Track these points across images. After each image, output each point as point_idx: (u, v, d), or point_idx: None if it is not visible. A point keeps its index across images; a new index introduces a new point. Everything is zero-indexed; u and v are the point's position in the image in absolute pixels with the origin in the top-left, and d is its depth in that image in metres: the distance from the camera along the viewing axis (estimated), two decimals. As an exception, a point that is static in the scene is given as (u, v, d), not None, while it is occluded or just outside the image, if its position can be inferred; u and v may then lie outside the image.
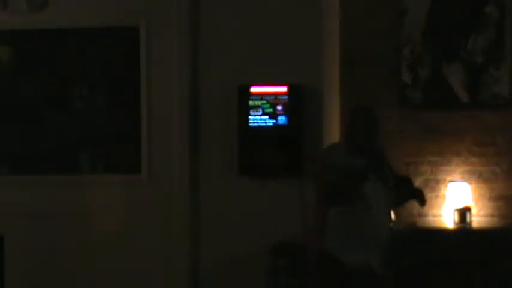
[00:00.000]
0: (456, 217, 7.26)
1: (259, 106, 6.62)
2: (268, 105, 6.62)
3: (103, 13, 6.84)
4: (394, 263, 5.39)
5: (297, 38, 6.63)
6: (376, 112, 5.13)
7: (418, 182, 7.12)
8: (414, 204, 6.99)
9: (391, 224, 5.48)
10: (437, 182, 7.40)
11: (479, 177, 7.42)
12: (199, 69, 6.79)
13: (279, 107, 6.61)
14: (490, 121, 7.42)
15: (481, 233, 7.26)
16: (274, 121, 6.60)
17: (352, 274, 4.95)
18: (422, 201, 5.36)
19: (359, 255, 4.97)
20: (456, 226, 7.26)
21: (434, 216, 7.38)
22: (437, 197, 7.26)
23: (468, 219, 7.24)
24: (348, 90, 7.31)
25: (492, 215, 7.42)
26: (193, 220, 6.75)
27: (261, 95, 6.62)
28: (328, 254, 5.01)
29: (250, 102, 6.62)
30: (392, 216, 6.13)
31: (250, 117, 6.62)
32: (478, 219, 7.36)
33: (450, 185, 7.35)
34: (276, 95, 6.60)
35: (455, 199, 7.31)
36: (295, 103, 6.58)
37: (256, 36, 6.69)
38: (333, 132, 6.92)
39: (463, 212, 7.24)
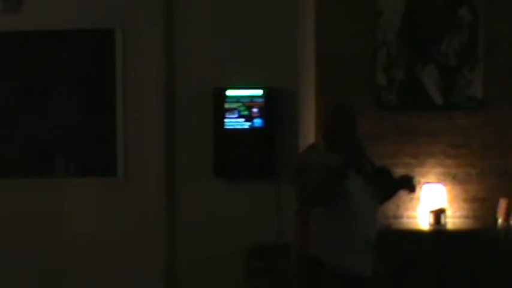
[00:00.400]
0: (431, 219, 7.30)
1: (235, 109, 6.63)
2: (244, 108, 6.62)
3: (78, 15, 6.82)
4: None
5: (272, 40, 6.64)
6: (354, 109, 5.10)
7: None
8: (389, 207, 7.09)
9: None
10: (412, 183, 7.43)
11: (454, 178, 7.47)
12: (174, 71, 6.78)
13: (255, 110, 6.61)
14: (465, 123, 7.47)
15: (456, 234, 7.30)
16: (250, 123, 6.61)
17: (335, 276, 4.87)
18: (411, 187, 5.09)
19: (343, 257, 4.88)
20: (431, 228, 7.30)
21: (409, 218, 7.41)
22: (412, 198, 7.28)
23: (443, 221, 7.28)
24: (324, 92, 7.33)
25: (467, 217, 7.46)
26: (170, 222, 6.74)
27: (237, 98, 6.62)
28: (311, 256, 4.93)
29: (226, 105, 6.62)
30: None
31: (226, 119, 6.62)
32: (452, 220, 7.40)
33: (425, 186, 7.38)
34: (251, 97, 6.61)
35: (430, 201, 7.35)
36: (270, 106, 6.59)
37: (231, 38, 6.70)
38: (308, 134, 6.93)
39: (438, 214, 7.28)
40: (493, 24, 7.47)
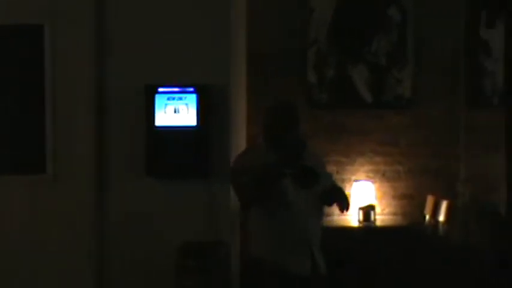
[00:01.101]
0: (360, 215, 7.40)
1: (166, 106, 6.58)
2: (175, 106, 6.58)
3: (7, 11, 6.68)
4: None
5: (204, 38, 6.61)
6: (295, 109, 5.10)
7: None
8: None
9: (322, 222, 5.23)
10: (343, 181, 7.53)
11: (383, 176, 7.57)
12: (105, 68, 6.70)
13: (187, 108, 6.58)
14: (393, 122, 7.59)
15: (385, 230, 7.42)
16: (182, 121, 6.57)
17: (275, 276, 4.87)
18: (343, 205, 5.03)
19: (281, 256, 4.89)
20: (360, 224, 7.40)
21: (339, 215, 7.46)
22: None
23: (372, 218, 7.39)
24: (256, 90, 7.34)
25: (395, 213, 7.58)
26: (100, 220, 6.67)
27: (169, 95, 6.57)
28: (252, 256, 4.93)
29: (157, 103, 6.57)
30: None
31: (157, 117, 6.57)
32: (381, 217, 7.51)
33: (355, 184, 7.47)
34: (183, 95, 6.57)
35: (359, 198, 7.45)
36: (202, 103, 6.56)
37: (163, 36, 6.65)
38: (240, 132, 6.94)
39: (367, 211, 7.39)
40: (422, 24, 7.59)
